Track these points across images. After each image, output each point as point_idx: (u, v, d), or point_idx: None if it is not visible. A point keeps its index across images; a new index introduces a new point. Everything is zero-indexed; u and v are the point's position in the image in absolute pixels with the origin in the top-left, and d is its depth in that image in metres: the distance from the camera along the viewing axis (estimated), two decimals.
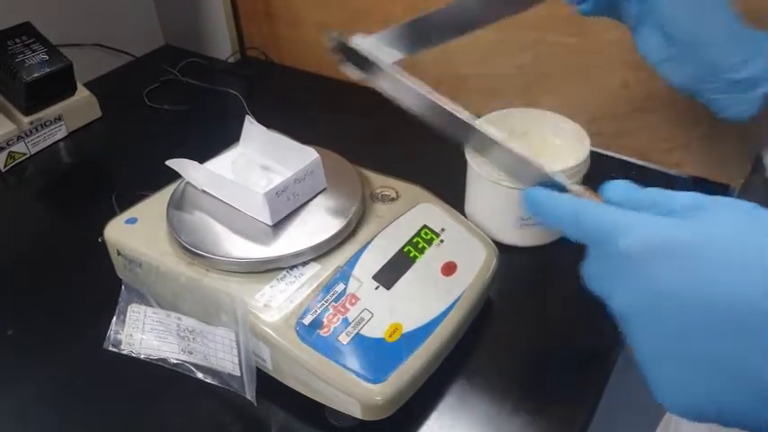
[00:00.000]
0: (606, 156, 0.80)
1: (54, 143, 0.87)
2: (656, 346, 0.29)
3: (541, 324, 0.60)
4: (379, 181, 0.62)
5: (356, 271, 0.53)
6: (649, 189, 0.35)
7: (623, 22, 0.53)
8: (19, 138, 0.82)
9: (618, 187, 0.35)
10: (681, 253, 0.28)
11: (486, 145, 0.43)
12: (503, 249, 0.59)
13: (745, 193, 0.70)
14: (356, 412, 0.47)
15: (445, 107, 0.43)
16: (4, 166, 0.82)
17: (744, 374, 0.26)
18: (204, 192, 0.59)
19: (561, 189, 0.38)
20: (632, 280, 0.29)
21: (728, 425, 0.28)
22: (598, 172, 0.59)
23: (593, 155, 0.63)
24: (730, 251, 0.27)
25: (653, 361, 0.29)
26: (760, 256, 0.27)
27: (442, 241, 0.57)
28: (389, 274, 0.53)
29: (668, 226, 0.29)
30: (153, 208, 0.59)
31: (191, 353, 0.54)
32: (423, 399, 0.50)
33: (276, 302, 0.50)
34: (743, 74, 0.45)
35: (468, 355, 0.55)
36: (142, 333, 0.56)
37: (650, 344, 0.29)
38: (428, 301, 0.52)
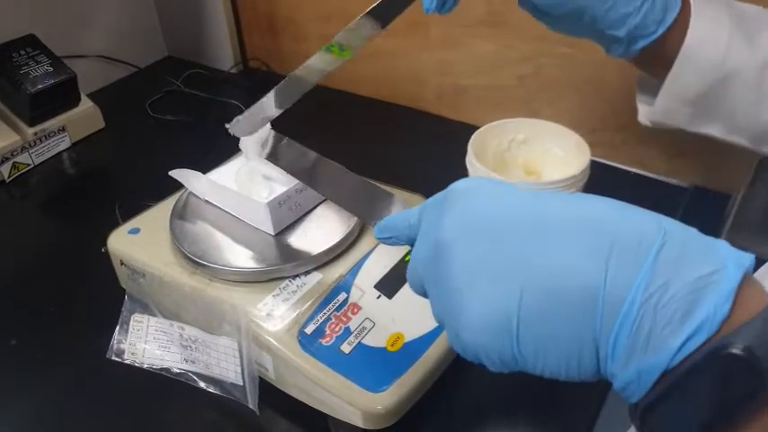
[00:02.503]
0: (607, 165, 0.80)
1: (58, 154, 0.87)
2: (470, 260, 0.32)
3: None
4: None
5: (358, 280, 0.53)
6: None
7: None
8: (23, 148, 0.83)
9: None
10: (489, 189, 0.34)
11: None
12: None
13: (746, 202, 0.70)
14: (358, 421, 0.47)
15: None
16: (9, 177, 0.82)
17: (535, 268, 0.30)
18: (207, 202, 0.59)
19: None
20: (455, 208, 0.34)
21: (523, 342, 0.31)
22: (599, 182, 0.60)
23: (593, 165, 0.63)
24: (515, 189, 0.34)
25: (467, 277, 0.32)
26: (536, 194, 0.33)
27: None
28: (391, 284, 0.53)
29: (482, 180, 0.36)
30: (156, 218, 0.59)
31: (193, 362, 0.54)
32: (424, 408, 0.50)
33: (278, 312, 0.50)
34: (622, 31, 0.50)
35: (470, 364, 0.55)
36: (145, 343, 0.56)
37: (466, 259, 0.32)
38: (430, 311, 0.52)
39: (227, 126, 0.57)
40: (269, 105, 0.57)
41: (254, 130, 0.57)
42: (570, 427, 0.52)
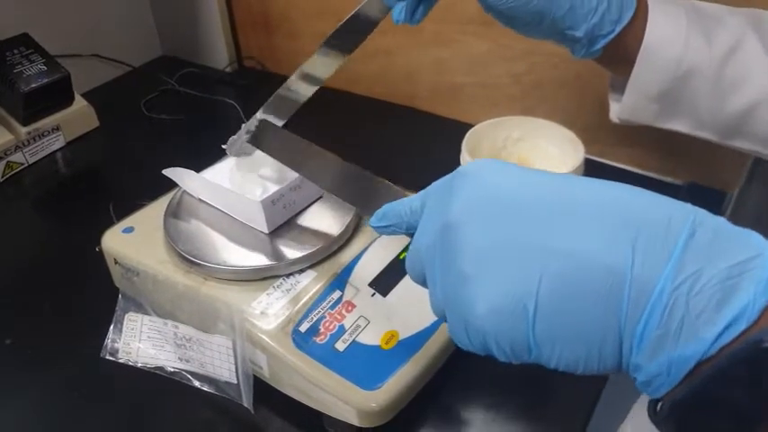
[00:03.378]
0: (601, 163, 0.81)
1: (52, 153, 0.87)
2: (483, 243, 0.31)
3: None
4: None
5: (352, 278, 0.53)
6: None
7: None
8: (17, 148, 0.83)
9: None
10: (502, 168, 0.33)
11: None
12: None
13: (741, 200, 0.70)
14: (353, 419, 0.47)
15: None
16: (2, 176, 0.82)
17: (555, 251, 0.29)
18: (201, 200, 0.59)
19: None
20: (465, 189, 0.33)
21: (536, 330, 0.29)
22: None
23: (588, 163, 0.63)
24: (536, 171, 0.33)
25: (480, 260, 0.31)
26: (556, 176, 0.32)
27: None
28: (386, 282, 0.53)
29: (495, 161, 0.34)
30: (150, 217, 0.59)
31: (188, 361, 0.54)
32: (419, 405, 0.50)
33: (273, 310, 0.50)
34: (580, 31, 0.51)
35: (465, 361, 0.55)
36: (139, 342, 0.56)
37: (478, 242, 0.31)
38: (424, 308, 0.52)
39: (224, 147, 0.57)
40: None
41: (251, 150, 0.57)
42: (565, 424, 0.52)
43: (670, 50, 0.51)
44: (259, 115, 0.57)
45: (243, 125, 0.57)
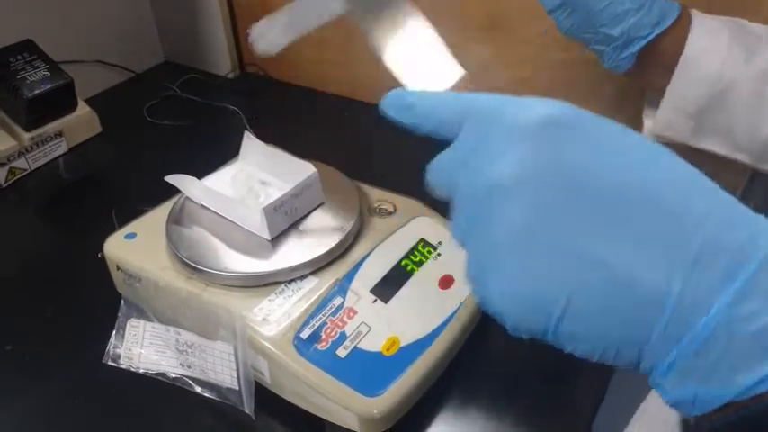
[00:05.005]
0: None
1: (54, 159, 0.87)
2: (526, 217, 0.27)
3: None
4: (377, 195, 0.62)
5: (354, 285, 0.53)
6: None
7: None
8: (20, 153, 0.83)
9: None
10: (582, 130, 0.29)
11: None
12: None
13: (744, 199, 0.70)
14: (354, 426, 0.47)
15: None
16: (5, 182, 0.82)
17: (606, 252, 0.26)
18: (203, 207, 0.59)
19: None
20: (525, 149, 0.28)
21: (569, 331, 0.27)
22: None
23: None
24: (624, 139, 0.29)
25: (518, 240, 0.28)
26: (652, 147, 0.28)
27: (439, 255, 0.57)
28: (387, 288, 0.53)
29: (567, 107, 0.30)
30: (152, 223, 0.59)
31: (189, 367, 0.54)
32: (421, 412, 0.50)
33: (274, 316, 0.50)
34: (617, 30, 0.50)
35: (466, 367, 0.55)
36: (141, 347, 0.56)
37: (522, 216, 0.27)
38: (425, 315, 0.52)
39: (247, 32, 0.49)
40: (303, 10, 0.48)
41: (284, 41, 0.49)
42: (569, 424, 0.52)
43: (710, 64, 0.50)
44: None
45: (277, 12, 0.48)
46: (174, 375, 0.54)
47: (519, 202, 0.28)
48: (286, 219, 0.56)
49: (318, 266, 0.54)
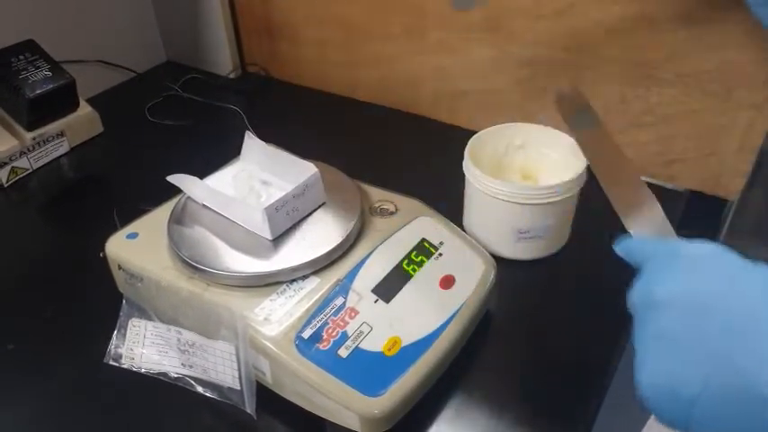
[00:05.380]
0: None
1: (56, 158, 0.88)
2: (675, 326, 0.34)
3: (540, 337, 0.60)
4: (378, 195, 0.62)
5: (355, 284, 0.53)
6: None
7: None
8: (21, 153, 0.83)
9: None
10: (724, 266, 0.36)
11: None
12: (501, 262, 0.60)
13: (742, 206, 0.70)
14: (355, 426, 0.47)
15: None
16: (7, 181, 0.82)
17: (731, 363, 0.31)
18: (205, 206, 0.59)
19: None
20: (686, 275, 0.36)
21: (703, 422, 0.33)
22: (595, 187, 0.60)
23: (590, 170, 0.64)
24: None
25: (660, 343, 0.35)
26: None
27: (440, 255, 0.57)
28: (388, 288, 0.53)
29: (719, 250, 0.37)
30: (154, 223, 0.59)
31: (191, 367, 0.54)
32: (422, 412, 0.50)
33: (276, 316, 0.50)
34: None
35: (467, 367, 0.55)
36: (143, 347, 0.56)
37: (669, 323, 0.35)
38: (427, 315, 0.53)
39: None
40: None
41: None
42: (570, 425, 0.52)
43: None
44: None
45: None
46: (175, 375, 0.55)
47: (662, 313, 0.35)
48: (287, 219, 0.56)
49: (320, 266, 0.54)
